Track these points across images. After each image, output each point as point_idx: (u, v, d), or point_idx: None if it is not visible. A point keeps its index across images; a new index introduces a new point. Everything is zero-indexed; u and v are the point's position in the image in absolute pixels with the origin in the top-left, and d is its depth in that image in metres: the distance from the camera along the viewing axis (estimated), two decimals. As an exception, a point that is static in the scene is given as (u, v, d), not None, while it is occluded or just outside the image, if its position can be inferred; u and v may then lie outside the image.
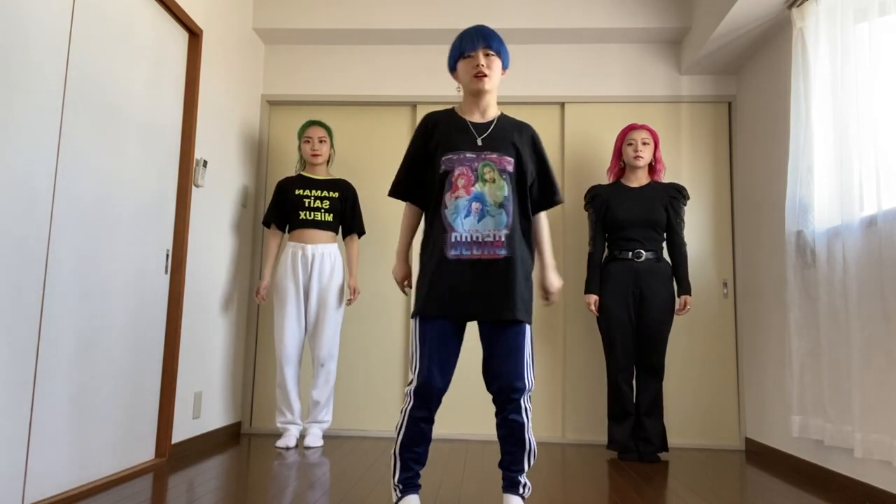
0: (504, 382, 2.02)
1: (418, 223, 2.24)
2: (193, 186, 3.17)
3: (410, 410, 2.02)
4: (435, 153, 2.12)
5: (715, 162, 3.92)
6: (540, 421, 3.79)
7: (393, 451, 2.07)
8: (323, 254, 3.47)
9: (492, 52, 2.09)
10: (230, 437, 3.64)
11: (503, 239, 2.03)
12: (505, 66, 2.15)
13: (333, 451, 3.29)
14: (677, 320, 3.79)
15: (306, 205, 3.49)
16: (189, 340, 3.15)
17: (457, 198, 2.05)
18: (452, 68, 2.17)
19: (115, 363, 2.57)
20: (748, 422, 3.64)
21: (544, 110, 4.03)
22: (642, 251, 3.33)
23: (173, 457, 2.99)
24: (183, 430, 3.10)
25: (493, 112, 2.17)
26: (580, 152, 3.94)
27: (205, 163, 3.24)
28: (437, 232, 2.08)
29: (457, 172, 2.07)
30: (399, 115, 4.09)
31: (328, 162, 3.65)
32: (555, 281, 2.20)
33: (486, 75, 2.08)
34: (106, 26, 2.49)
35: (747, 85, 3.76)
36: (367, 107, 4.11)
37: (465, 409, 3.81)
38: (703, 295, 3.82)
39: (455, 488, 2.55)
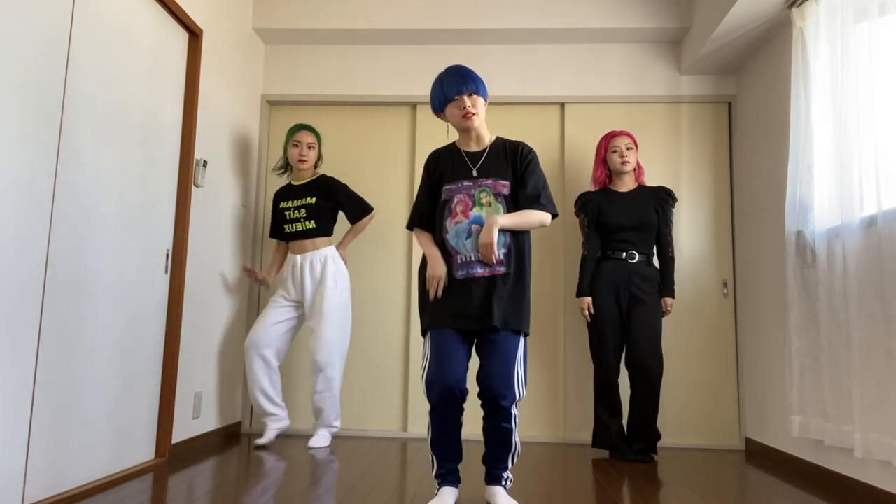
0: (495, 391, 2.13)
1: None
2: (193, 186, 3.17)
3: (429, 409, 2.20)
4: (439, 185, 2.33)
5: (715, 162, 3.92)
6: (540, 421, 3.79)
7: (428, 447, 2.27)
8: (312, 261, 3.46)
9: (474, 94, 2.27)
10: (230, 437, 3.64)
11: (502, 257, 2.20)
12: (485, 98, 2.34)
13: (333, 452, 3.29)
14: (678, 321, 3.79)
15: (287, 217, 3.51)
16: (189, 340, 3.15)
17: (457, 223, 2.24)
18: (438, 110, 2.34)
19: (115, 363, 2.57)
20: (748, 422, 3.64)
21: (544, 110, 4.03)
22: (636, 253, 3.35)
23: (173, 457, 2.99)
24: (183, 430, 3.10)
25: (486, 139, 2.35)
26: (580, 152, 3.94)
27: (205, 163, 3.24)
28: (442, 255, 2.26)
29: (455, 199, 2.27)
30: (399, 115, 4.09)
31: (315, 165, 3.63)
32: (486, 231, 2.16)
33: (474, 114, 2.27)
34: (106, 26, 2.49)
35: (747, 85, 3.76)
36: (367, 107, 4.11)
37: (465, 410, 3.80)
38: (703, 295, 3.82)
39: (455, 488, 2.54)
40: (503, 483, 2.23)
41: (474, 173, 2.27)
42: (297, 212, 3.49)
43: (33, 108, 2.08)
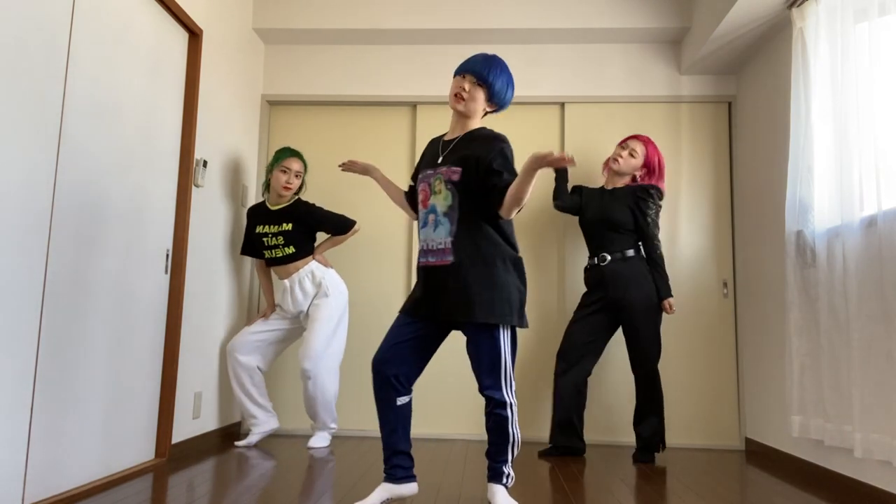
0: (480, 383, 2.17)
1: (402, 198, 2.50)
2: (193, 186, 3.17)
3: None
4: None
5: (715, 162, 3.92)
6: (540, 421, 3.79)
7: None
8: (300, 280, 3.45)
9: (480, 83, 2.18)
10: (230, 438, 3.64)
11: (449, 246, 2.16)
12: (497, 101, 2.22)
13: (333, 452, 3.29)
14: (678, 321, 3.79)
15: (265, 243, 3.47)
16: (189, 340, 3.15)
17: (420, 211, 2.27)
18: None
19: (115, 363, 2.57)
20: (748, 422, 3.64)
21: (544, 110, 4.03)
22: (606, 255, 3.34)
23: (173, 457, 2.99)
24: (183, 430, 3.10)
25: (467, 130, 2.26)
26: (580, 152, 3.93)
27: (205, 163, 3.24)
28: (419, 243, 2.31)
29: (419, 188, 2.28)
30: (399, 115, 4.09)
31: (296, 193, 3.54)
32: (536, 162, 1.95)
33: (462, 98, 2.20)
34: (106, 26, 2.49)
35: (747, 85, 3.76)
36: (367, 107, 4.11)
37: (464, 410, 3.81)
38: (703, 295, 3.82)
39: (455, 488, 2.55)
40: (504, 481, 2.22)
41: (439, 161, 2.23)
42: (274, 238, 3.44)
43: (33, 108, 2.08)
